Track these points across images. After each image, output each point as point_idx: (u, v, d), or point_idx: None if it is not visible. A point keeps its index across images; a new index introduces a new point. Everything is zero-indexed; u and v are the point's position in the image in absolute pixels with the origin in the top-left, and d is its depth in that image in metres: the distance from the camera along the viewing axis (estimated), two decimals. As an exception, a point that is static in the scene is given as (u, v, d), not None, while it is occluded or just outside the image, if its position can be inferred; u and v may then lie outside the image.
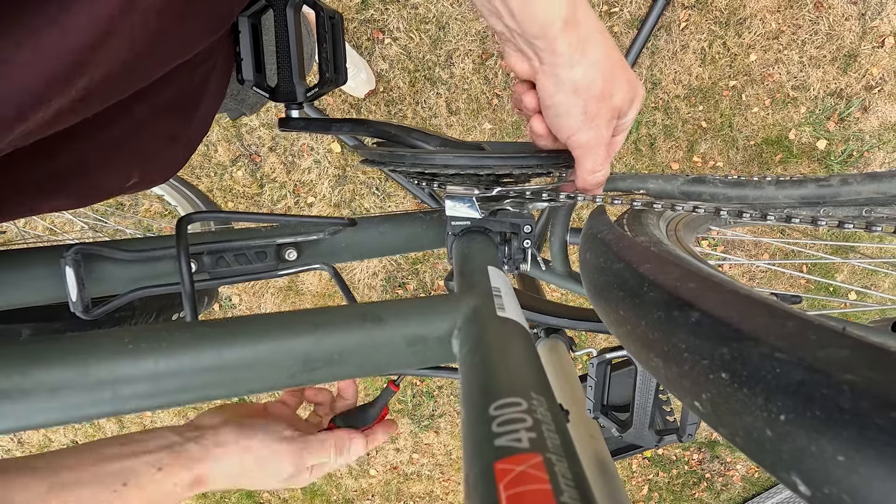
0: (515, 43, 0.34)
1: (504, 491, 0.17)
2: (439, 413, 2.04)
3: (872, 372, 0.13)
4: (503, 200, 0.45)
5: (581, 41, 0.32)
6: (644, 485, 2.15)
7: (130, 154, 0.39)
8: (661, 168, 1.65)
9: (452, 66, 1.56)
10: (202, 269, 0.47)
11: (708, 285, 0.20)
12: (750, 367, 0.16)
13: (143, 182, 0.43)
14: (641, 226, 0.37)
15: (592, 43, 0.33)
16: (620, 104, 0.37)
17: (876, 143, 1.56)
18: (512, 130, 1.61)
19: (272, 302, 1.89)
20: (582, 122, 0.36)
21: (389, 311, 0.32)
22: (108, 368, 0.27)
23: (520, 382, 0.22)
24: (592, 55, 0.33)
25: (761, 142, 1.59)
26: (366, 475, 2.17)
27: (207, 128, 0.46)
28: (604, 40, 0.33)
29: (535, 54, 0.34)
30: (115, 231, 1.27)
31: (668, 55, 1.53)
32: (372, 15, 1.51)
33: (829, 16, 1.46)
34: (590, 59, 0.33)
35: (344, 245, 0.52)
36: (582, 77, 0.34)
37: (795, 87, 1.53)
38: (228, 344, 0.29)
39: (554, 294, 1.73)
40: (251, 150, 1.68)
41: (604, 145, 0.38)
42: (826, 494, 0.13)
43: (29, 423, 0.26)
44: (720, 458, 2.09)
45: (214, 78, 0.43)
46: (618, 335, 0.26)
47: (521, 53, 0.35)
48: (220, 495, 2.27)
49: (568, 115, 0.36)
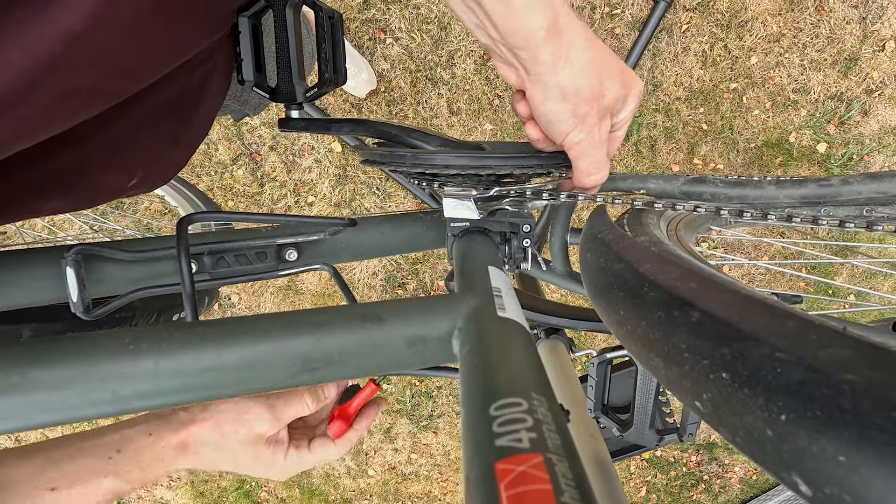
0: (501, 54, 0.35)
1: (504, 491, 0.17)
2: (438, 413, 2.03)
3: (873, 372, 0.13)
4: (502, 200, 0.45)
5: (564, 49, 0.33)
6: (642, 486, 2.15)
7: (132, 154, 0.39)
8: (662, 170, 1.65)
9: (454, 66, 1.56)
10: (202, 269, 0.47)
11: (708, 285, 0.20)
12: (751, 367, 0.16)
13: (145, 183, 0.43)
14: (642, 226, 0.37)
15: (576, 49, 0.33)
16: (612, 103, 0.37)
17: (876, 147, 1.56)
18: (513, 131, 1.61)
19: (272, 301, 1.89)
20: (573, 125, 0.36)
21: (389, 311, 0.32)
22: (109, 368, 0.27)
23: (520, 382, 0.22)
24: (577, 61, 0.33)
25: (762, 144, 1.59)
26: (364, 475, 2.17)
27: (208, 129, 0.46)
28: (588, 44, 0.34)
29: (520, 64, 0.34)
30: (114, 230, 1.27)
31: (669, 57, 1.53)
32: (374, 15, 1.51)
33: (830, 19, 1.46)
34: (574, 64, 0.33)
35: (344, 245, 0.52)
36: (568, 83, 0.34)
37: (796, 90, 1.53)
38: (228, 344, 0.29)
39: (554, 294, 1.73)
40: (252, 149, 1.68)
41: (599, 146, 0.38)
42: (827, 494, 0.13)
43: (29, 424, 0.26)
44: (718, 460, 2.09)
45: (216, 78, 0.43)
46: (618, 335, 0.26)
47: (509, 64, 0.35)
48: (218, 494, 2.27)
49: (559, 120, 0.36)
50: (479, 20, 0.32)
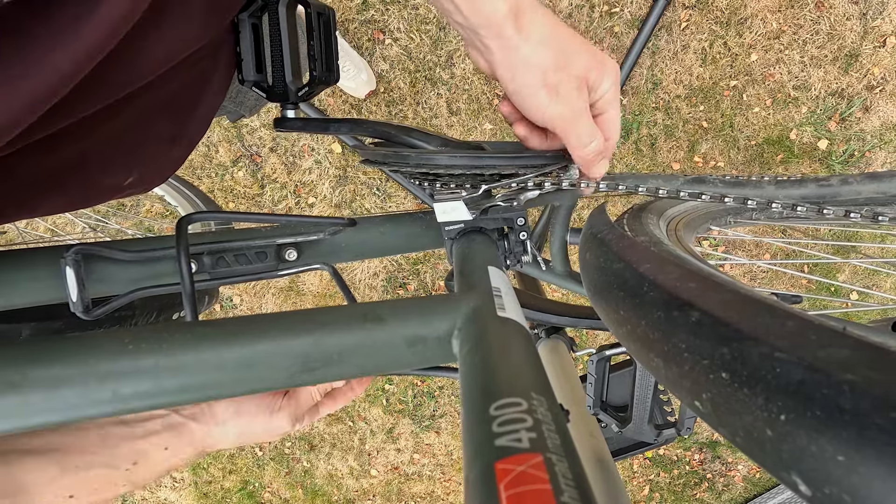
0: (470, 39, 0.36)
1: (504, 491, 0.16)
2: (440, 413, 2.04)
3: (873, 372, 0.13)
4: (493, 198, 0.44)
5: (526, 24, 0.34)
6: (645, 485, 2.15)
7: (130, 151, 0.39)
8: (662, 168, 1.65)
9: (453, 66, 1.56)
10: (202, 269, 0.47)
11: (708, 285, 0.20)
12: (750, 367, 0.16)
13: (142, 182, 0.43)
14: (641, 225, 0.37)
15: (537, 24, 0.34)
16: (584, 73, 0.36)
17: (877, 143, 1.56)
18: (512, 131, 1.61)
19: (273, 302, 1.89)
20: (546, 95, 0.36)
21: (389, 310, 0.32)
22: (109, 368, 0.27)
23: (520, 382, 0.22)
24: (538, 34, 0.35)
25: (762, 142, 1.59)
26: (367, 475, 2.17)
27: (206, 128, 0.46)
28: (549, 21, 0.35)
29: (484, 45, 0.35)
30: (116, 231, 1.27)
31: (668, 55, 1.53)
32: (372, 16, 1.51)
33: (830, 15, 1.46)
34: (536, 37, 0.35)
35: (344, 245, 0.52)
36: (531, 53, 0.35)
37: (797, 86, 1.53)
38: (228, 344, 0.29)
39: (555, 294, 1.73)
40: (252, 151, 1.68)
41: (581, 114, 0.37)
42: (826, 494, 0.13)
43: (28, 423, 0.26)
44: (721, 459, 2.09)
45: (216, 78, 0.43)
46: (618, 335, 0.26)
47: (477, 49, 0.37)
48: (222, 495, 2.27)
49: (531, 94, 0.36)
50: (447, 5, 0.34)
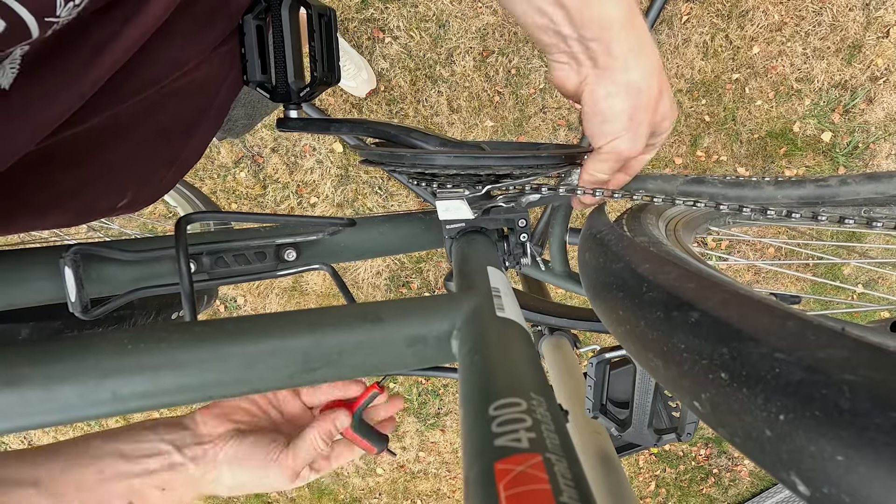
0: (569, 50, 0.34)
1: (504, 491, 0.16)
2: (445, 411, 2.04)
3: (872, 372, 0.13)
4: (495, 199, 0.44)
5: (636, 46, 0.33)
6: (651, 481, 2.15)
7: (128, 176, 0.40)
8: (665, 163, 1.64)
9: (453, 63, 1.56)
10: (201, 269, 0.47)
11: (707, 285, 0.20)
12: (749, 367, 0.16)
13: (134, 203, 0.43)
14: (640, 226, 0.36)
15: (646, 50, 0.33)
16: (660, 119, 0.36)
17: (882, 135, 1.55)
18: (513, 128, 1.61)
19: (277, 302, 1.90)
20: (625, 128, 0.35)
21: (389, 310, 0.32)
22: (107, 368, 0.27)
23: (519, 382, 0.22)
24: (647, 62, 0.33)
25: (765, 135, 1.58)
26: (373, 474, 2.18)
27: (201, 153, 0.46)
28: (655, 51, 0.34)
29: (588, 58, 0.34)
30: (119, 232, 1.28)
31: (670, 49, 1.52)
32: (372, 14, 1.51)
33: (832, 6, 1.45)
34: (644, 65, 0.33)
35: (343, 245, 0.52)
36: (639, 80, 0.34)
37: (799, 79, 1.52)
38: (228, 344, 0.29)
39: (557, 294, 1.72)
40: (254, 152, 1.68)
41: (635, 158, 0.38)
42: (825, 494, 0.13)
43: (27, 424, 0.26)
44: (728, 454, 2.08)
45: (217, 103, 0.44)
46: (617, 335, 0.25)
47: (574, 62, 0.35)
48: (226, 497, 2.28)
49: (614, 119, 0.35)
50: (548, 18, 0.33)
